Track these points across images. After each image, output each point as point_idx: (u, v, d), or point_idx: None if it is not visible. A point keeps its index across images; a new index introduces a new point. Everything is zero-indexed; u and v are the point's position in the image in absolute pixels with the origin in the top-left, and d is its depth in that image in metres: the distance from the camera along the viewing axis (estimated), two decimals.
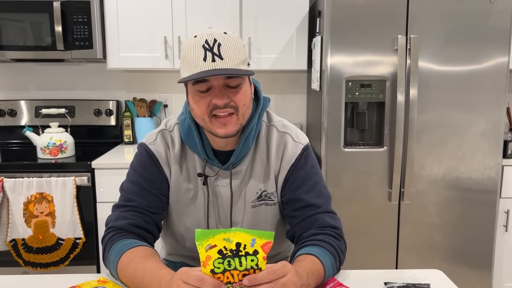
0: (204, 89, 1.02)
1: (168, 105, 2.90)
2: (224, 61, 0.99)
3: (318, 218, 1.10)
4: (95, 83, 2.87)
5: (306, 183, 1.14)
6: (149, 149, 1.16)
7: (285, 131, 1.19)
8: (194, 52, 0.99)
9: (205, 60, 0.98)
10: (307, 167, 1.16)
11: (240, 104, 1.04)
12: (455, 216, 2.29)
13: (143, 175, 1.14)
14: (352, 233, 2.29)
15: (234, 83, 1.03)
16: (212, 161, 1.14)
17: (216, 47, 0.99)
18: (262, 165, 1.17)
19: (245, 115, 1.07)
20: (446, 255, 2.33)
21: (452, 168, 2.25)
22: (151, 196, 1.13)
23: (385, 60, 2.16)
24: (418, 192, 2.26)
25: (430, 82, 2.18)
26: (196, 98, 1.04)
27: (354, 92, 2.19)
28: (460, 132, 2.23)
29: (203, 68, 0.98)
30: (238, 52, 1.01)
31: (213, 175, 1.16)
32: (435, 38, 2.15)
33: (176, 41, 2.47)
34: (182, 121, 1.17)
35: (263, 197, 1.18)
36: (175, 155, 1.16)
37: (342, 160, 2.23)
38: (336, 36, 2.14)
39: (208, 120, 1.04)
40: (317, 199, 1.13)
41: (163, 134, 1.19)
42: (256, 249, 0.79)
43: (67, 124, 2.54)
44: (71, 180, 2.20)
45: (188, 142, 1.16)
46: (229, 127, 1.04)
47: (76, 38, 2.40)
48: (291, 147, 1.16)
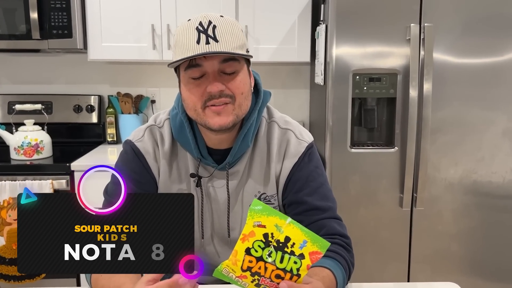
0: (197, 75, 1.03)
1: (156, 101, 2.90)
2: (220, 43, 1.00)
3: (325, 223, 1.11)
4: (74, 76, 2.87)
5: (310, 185, 1.15)
6: (135, 147, 1.16)
7: (287, 128, 1.19)
8: (187, 35, 1.01)
9: (198, 42, 0.99)
10: (311, 167, 1.17)
11: (237, 92, 1.04)
12: (473, 224, 2.30)
13: (129, 176, 1.14)
14: (360, 243, 2.27)
15: (230, 69, 1.03)
16: (206, 160, 1.15)
17: (211, 29, 1.00)
18: (261, 165, 1.17)
19: (243, 106, 1.07)
20: (464, 267, 2.34)
21: (470, 171, 2.26)
22: None
23: (397, 51, 2.16)
24: (433, 197, 2.26)
25: (446, 75, 2.18)
26: (188, 86, 1.05)
27: (362, 87, 2.20)
28: (479, 131, 2.23)
29: (196, 51, 0.99)
30: (235, 35, 1.02)
31: (207, 176, 1.16)
32: (451, 27, 2.16)
33: (165, 29, 2.47)
34: (173, 116, 1.18)
35: (263, 200, 1.18)
36: (165, 153, 1.16)
37: (348, 162, 2.23)
38: (342, 25, 2.15)
39: (201, 111, 1.05)
40: (321, 202, 1.14)
41: (152, 130, 1.19)
42: (303, 253, 0.78)
43: (43, 122, 2.53)
44: (48, 183, 2.20)
45: (179, 139, 1.16)
46: (224, 117, 1.04)
47: (53, 26, 2.40)
48: (294, 145, 1.17)
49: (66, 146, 2.73)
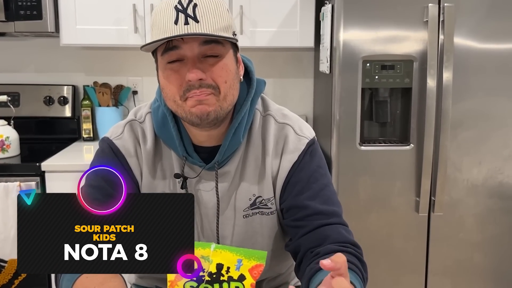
0: (173, 58, 1.03)
1: (138, 92, 2.91)
2: (200, 24, 1.00)
3: (330, 230, 1.11)
4: (45, 64, 2.88)
5: (311, 187, 1.15)
6: (113, 145, 1.16)
7: (285, 122, 1.19)
8: (165, 15, 1.01)
9: (176, 23, 0.99)
10: (313, 166, 1.16)
11: (219, 80, 1.04)
12: (499, 231, 2.32)
13: (107, 178, 1.13)
14: (371, 252, 2.27)
15: (211, 52, 1.03)
16: (192, 159, 1.14)
17: (191, 8, 1.00)
18: (256, 165, 1.17)
19: (228, 97, 1.06)
20: (487, 280, 2.36)
21: (496, 171, 2.28)
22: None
23: (412, 35, 2.17)
24: (453, 201, 2.28)
25: (468, 63, 2.20)
26: (166, 73, 1.05)
27: (373, 76, 2.21)
28: (506, 126, 2.26)
29: (174, 32, 0.99)
30: (218, 16, 1.03)
31: (194, 177, 1.16)
32: (475, 8, 2.17)
33: (148, 9, 2.47)
34: (154, 109, 1.18)
35: (258, 204, 1.18)
36: (147, 151, 1.17)
37: (357, 161, 2.24)
38: (350, 5, 2.16)
39: (180, 102, 1.05)
40: (325, 206, 1.13)
41: (132, 126, 1.19)
42: (243, 274, 0.80)
43: (9, 116, 2.53)
44: (15, 186, 2.20)
45: (162, 135, 1.16)
46: (205, 105, 1.03)
47: (20, 6, 2.40)
48: (293, 142, 1.17)
49: (36, 144, 2.74)
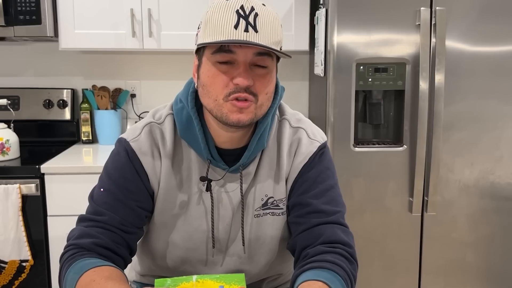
0: (225, 59, 1.03)
1: (137, 95, 2.92)
2: (258, 34, 1.00)
3: (327, 229, 1.11)
4: (44, 68, 2.88)
5: (318, 186, 1.17)
6: (130, 147, 1.14)
7: (299, 126, 1.22)
8: (225, 16, 1.01)
9: (236, 28, 0.99)
10: (321, 167, 1.19)
11: (261, 91, 1.05)
12: (491, 230, 2.33)
13: (118, 182, 1.13)
14: (365, 252, 2.32)
15: (261, 63, 1.04)
16: (216, 162, 1.15)
17: (252, 17, 1.01)
18: (271, 166, 1.19)
19: (263, 107, 1.08)
20: (480, 279, 2.37)
21: (488, 171, 2.28)
22: (126, 211, 1.12)
23: (405, 38, 2.18)
24: (446, 201, 2.29)
25: (460, 65, 2.21)
26: (213, 71, 1.04)
27: (366, 78, 2.21)
28: (497, 128, 2.26)
29: (233, 36, 0.99)
30: (275, 29, 1.04)
31: (219, 179, 1.17)
32: (466, 11, 2.18)
33: (146, 14, 2.47)
34: (178, 110, 1.16)
35: (269, 204, 1.19)
36: (167, 154, 1.15)
37: (352, 162, 2.25)
38: (344, 9, 2.17)
39: (222, 102, 1.04)
40: (328, 206, 1.15)
41: (151, 128, 1.17)
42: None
43: (9, 119, 2.54)
44: (15, 188, 2.20)
45: (186, 137, 1.15)
46: (244, 114, 1.04)
47: (20, 11, 2.40)
48: (306, 145, 1.19)
49: (36, 146, 2.74)
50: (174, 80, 2.93)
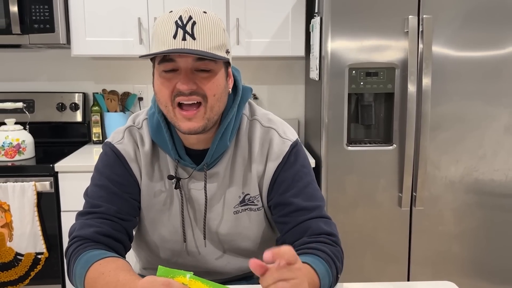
0: (168, 68, 1.04)
1: (144, 98, 2.92)
2: (196, 41, 1.01)
3: (311, 224, 1.14)
4: (57, 73, 2.88)
5: (296, 185, 1.17)
6: (115, 149, 1.18)
7: (270, 126, 1.21)
8: (165, 28, 1.03)
9: (174, 37, 1.01)
10: (297, 166, 1.19)
11: (209, 93, 1.06)
12: (475, 224, 2.33)
13: (111, 178, 1.16)
14: (358, 244, 2.32)
15: (204, 67, 1.05)
16: (184, 162, 1.17)
17: (190, 25, 1.02)
18: (243, 165, 1.20)
19: (214, 109, 1.08)
20: (465, 269, 2.37)
21: (472, 168, 2.29)
22: (121, 201, 1.15)
23: (394, 44, 2.18)
24: (433, 196, 2.29)
25: (445, 69, 2.21)
26: (160, 80, 1.07)
27: (358, 82, 2.22)
28: (481, 127, 2.26)
29: (171, 46, 1.01)
30: (215, 35, 1.04)
31: (186, 177, 1.19)
32: (451, 19, 2.18)
33: (152, 22, 2.48)
34: (150, 115, 1.20)
35: (247, 201, 1.20)
36: (146, 155, 1.19)
37: (345, 160, 2.25)
38: (337, 17, 2.17)
39: (171, 109, 1.07)
40: (308, 202, 1.16)
41: (131, 132, 1.21)
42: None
43: (25, 121, 2.54)
44: (30, 185, 2.21)
45: (157, 139, 1.18)
46: (194, 122, 1.07)
47: (35, 20, 2.40)
48: (278, 144, 1.18)
49: (49, 147, 2.74)
50: None
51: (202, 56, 1.02)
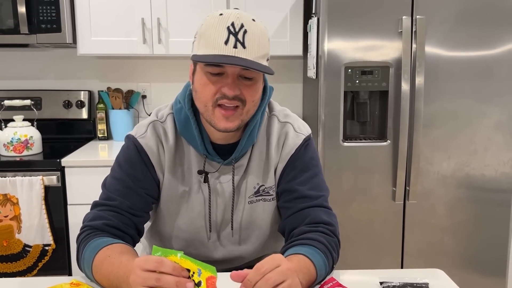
0: (216, 72, 1.05)
1: (147, 96, 2.93)
2: (246, 50, 1.02)
3: (311, 212, 1.17)
4: (64, 71, 2.90)
5: (303, 174, 1.21)
6: (138, 143, 1.18)
7: (286, 121, 1.25)
8: (216, 31, 1.03)
9: (226, 43, 1.02)
10: (306, 158, 1.22)
11: (249, 99, 1.08)
12: (466, 217, 2.36)
13: (129, 172, 1.17)
14: (353, 236, 2.35)
15: (249, 75, 1.07)
16: (211, 156, 1.19)
17: (242, 34, 1.02)
18: (261, 158, 1.23)
19: (250, 112, 1.12)
20: (456, 260, 2.40)
21: (463, 164, 2.31)
22: (135, 196, 1.16)
23: (389, 44, 2.20)
24: (425, 190, 2.31)
25: (438, 68, 2.23)
26: (204, 80, 1.07)
27: (354, 80, 2.24)
28: (472, 124, 2.28)
29: (223, 51, 1.02)
30: (262, 44, 1.06)
31: (214, 171, 1.21)
32: (444, 20, 2.20)
33: (155, 23, 2.50)
34: (177, 110, 1.19)
35: (261, 192, 1.23)
36: (169, 149, 1.19)
37: (341, 155, 2.28)
38: (334, 18, 2.19)
39: (211, 108, 1.08)
40: (312, 191, 1.19)
41: (155, 126, 1.21)
42: (201, 281, 0.87)
43: (33, 118, 2.56)
44: (38, 179, 2.23)
45: (184, 134, 1.19)
46: (231, 122, 1.08)
47: (42, 20, 2.42)
48: (292, 138, 1.22)
49: (56, 142, 2.76)
50: (181, 83, 2.85)
51: (253, 69, 1.03)
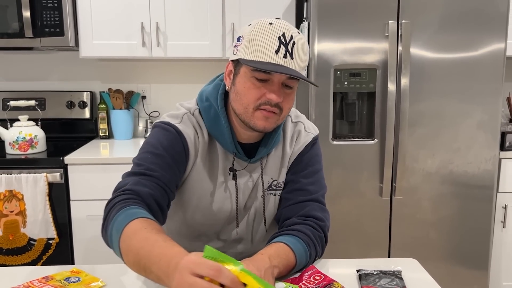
0: (262, 78, 1.06)
1: (147, 97, 2.96)
2: (294, 61, 1.05)
3: (306, 206, 1.21)
4: (67, 73, 2.93)
5: (307, 168, 1.25)
6: (177, 128, 1.15)
7: (298, 121, 1.30)
8: (268, 40, 1.03)
9: (277, 53, 1.03)
10: (312, 154, 1.28)
11: (286, 107, 1.11)
12: (450, 212, 2.39)
13: (169, 151, 1.13)
14: (342, 231, 2.38)
15: (290, 84, 1.09)
16: (239, 154, 1.20)
17: (291, 45, 1.04)
18: (276, 154, 1.26)
19: (283, 118, 1.14)
20: (441, 253, 2.44)
21: (447, 161, 2.35)
22: (173, 173, 1.12)
23: (376, 47, 2.24)
24: (411, 187, 2.35)
25: (423, 70, 2.27)
26: (249, 84, 1.07)
27: (343, 82, 2.27)
28: (455, 124, 2.32)
29: (273, 60, 1.03)
30: (305, 56, 1.09)
31: (241, 169, 1.23)
32: (428, 24, 2.24)
33: (154, 27, 2.54)
34: (205, 108, 1.19)
35: (273, 186, 1.27)
36: (204, 142, 1.19)
37: (330, 153, 2.31)
38: (323, 22, 2.22)
39: (252, 111, 1.09)
40: (312, 186, 1.24)
41: (189, 117, 1.19)
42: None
43: (37, 118, 2.59)
44: (42, 176, 2.27)
45: (213, 131, 1.18)
46: (269, 122, 1.10)
47: (46, 25, 2.44)
48: (303, 136, 1.27)
49: (60, 141, 2.79)
50: (179, 84, 2.96)
51: (302, 79, 1.05)
